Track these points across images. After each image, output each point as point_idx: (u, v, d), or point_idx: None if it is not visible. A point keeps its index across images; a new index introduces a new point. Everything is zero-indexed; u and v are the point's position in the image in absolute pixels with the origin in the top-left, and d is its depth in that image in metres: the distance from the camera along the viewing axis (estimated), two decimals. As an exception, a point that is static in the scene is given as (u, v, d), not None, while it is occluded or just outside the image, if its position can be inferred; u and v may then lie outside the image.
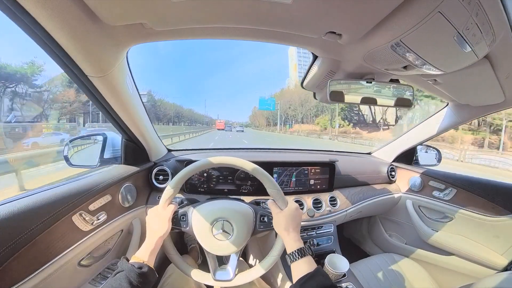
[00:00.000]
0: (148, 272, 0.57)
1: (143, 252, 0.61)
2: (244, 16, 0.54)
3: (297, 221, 0.67)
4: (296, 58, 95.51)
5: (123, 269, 0.55)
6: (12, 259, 0.52)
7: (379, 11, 0.48)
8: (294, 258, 0.59)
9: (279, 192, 0.69)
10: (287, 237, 0.63)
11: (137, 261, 0.58)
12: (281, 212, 0.67)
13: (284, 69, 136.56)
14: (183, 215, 0.70)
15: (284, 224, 0.65)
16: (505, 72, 0.73)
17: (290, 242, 0.62)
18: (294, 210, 0.67)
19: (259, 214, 0.72)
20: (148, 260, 0.60)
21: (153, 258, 0.62)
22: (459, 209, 1.26)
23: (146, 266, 0.57)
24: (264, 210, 0.74)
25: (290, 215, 0.66)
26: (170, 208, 0.68)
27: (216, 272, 0.72)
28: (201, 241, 0.69)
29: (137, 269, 0.55)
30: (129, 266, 0.55)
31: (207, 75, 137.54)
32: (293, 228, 0.65)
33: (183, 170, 0.70)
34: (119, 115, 0.83)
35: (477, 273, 1.17)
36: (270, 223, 0.71)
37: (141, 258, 0.60)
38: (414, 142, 1.49)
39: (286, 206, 0.68)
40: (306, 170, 1.23)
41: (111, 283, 0.53)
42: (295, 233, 0.64)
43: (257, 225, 0.71)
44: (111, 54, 0.63)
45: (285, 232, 0.64)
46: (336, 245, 1.25)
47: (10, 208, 0.54)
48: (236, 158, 0.70)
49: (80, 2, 0.45)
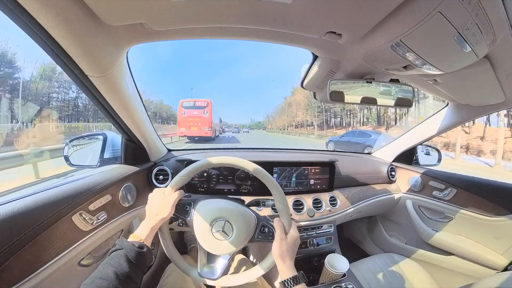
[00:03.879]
0: (147, 252, 0.57)
1: (142, 230, 0.61)
2: (244, 16, 0.54)
3: (295, 251, 0.67)
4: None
5: (122, 247, 0.54)
6: (12, 259, 0.52)
7: (379, 11, 0.48)
8: (289, 285, 0.59)
9: (287, 208, 0.69)
10: (282, 264, 0.63)
11: (137, 240, 0.58)
12: (285, 239, 0.66)
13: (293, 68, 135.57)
14: (188, 205, 0.71)
15: (284, 252, 0.65)
16: (505, 72, 0.72)
17: (285, 270, 0.62)
18: (295, 239, 0.68)
19: (260, 223, 0.72)
20: (145, 239, 0.60)
21: (151, 237, 0.62)
22: (459, 209, 1.26)
23: (146, 246, 0.57)
24: (266, 221, 0.73)
25: (291, 244, 0.66)
26: (176, 195, 0.67)
27: (203, 268, 0.72)
28: (198, 236, 0.69)
29: (138, 248, 0.54)
30: (129, 245, 0.54)
31: (207, 76, 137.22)
32: (290, 258, 0.65)
33: (184, 170, 0.70)
34: (119, 115, 0.83)
35: (477, 273, 1.17)
36: (269, 236, 0.71)
37: (140, 237, 0.59)
38: (414, 142, 1.49)
39: (289, 228, 0.69)
40: (306, 170, 1.23)
41: (108, 261, 0.52)
42: (291, 262, 0.64)
43: (256, 233, 0.71)
44: (111, 54, 0.63)
45: (281, 259, 0.64)
46: (336, 245, 1.25)
47: (10, 208, 0.54)
48: (240, 158, 0.70)
49: (80, 2, 0.45)
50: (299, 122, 54.83)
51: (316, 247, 1.19)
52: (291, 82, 67.76)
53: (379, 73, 0.79)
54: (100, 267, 0.51)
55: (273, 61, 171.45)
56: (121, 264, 0.51)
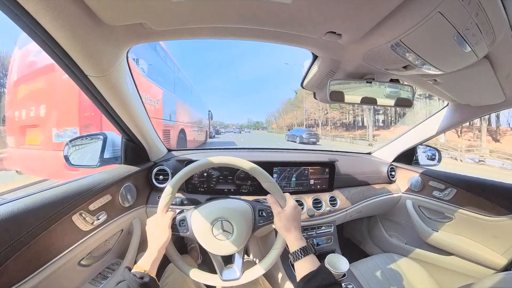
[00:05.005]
0: (150, 282, 0.57)
1: (145, 261, 0.61)
2: (244, 16, 0.54)
3: (298, 220, 0.67)
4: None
5: (124, 279, 0.55)
6: (12, 259, 0.52)
7: (379, 11, 0.48)
8: (298, 257, 0.59)
9: (274, 185, 0.69)
10: (289, 236, 0.64)
11: (139, 271, 0.58)
12: (282, 212, 0.67)
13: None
14: (182, 220, 0.70)
15: (286, 224, 0.65)
16: (505, 72, 0.73)
17: (293, 241, 0.63)
18: (294, 208, 0.68)
19: (257, 209, 0.72)
20: (150, 270, 0.60)
21: (155, 267, 0.62)
22: (459, 209, 1.26)
23: (148, 276, 0.57)
24: (262, 204, 0.74)
25: (291, 214, 0.66)
26: (169, 215, 0.68)
27: (223, 272, 0.72)
28: (203, 244, 0.68)
29: (139, 279, 0.55)
30: (131, 276, 0.55)
31: (205, 75, 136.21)
32: (295, 227, 0.65)
33: (182, 171, 0.70)
34: (119, 115, 0.83)
35: (477, 273, 1.17)
36: (269, 217, 0.71)
37: (143, 268, 0.59)
38: (414, 142, 1.49)
39: (285, 201, 0.69)
40: (306, 170, 1.23)
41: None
42: (297, 232, 0.64)
43: (257, 220, 0.71)
44: (111, 54, 0.63)
45: (287, 231, 0.64)
46: (336, 245, 1.25)
47: (10, 208, 0.54)
48: (233, 157, 0.70)
49: (80, 2, 0.45)
50: (314, 120, 44.37)
51: (316, 247, 1.19)
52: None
53: (379, 73, 0.79)
54: None
55: (273, 61, 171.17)
56: None
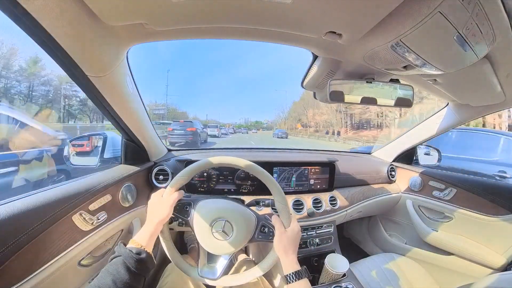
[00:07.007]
0: (147, 258, 0.55)
1: (142, 236, 0.60)
2: (244, 16, 0.54)
3: (297, 244, 0.67)
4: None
5: (120, 254, 0.53)
6: (12, 259, 0.52)
7: (379, 11, 0.48)
8: (291, 279, 0.59)
9: (286, 207, 0.69)
10: (286, 258, 0.63)
11: (136, 246, 0.57)
12: (285, 233, 0.66)
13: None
14: (187, 205, 0.70)
15: (285, 245, 0.64)
16: (505, 72, 0.73)
17: (288, 264, 0.62)
18: (296, 232, 0.67)
19: (260, 223, 0.72)
20: (146, 245, 0.58)
21: (152, 243, 0.61)
22: (459, 209, 1.26)
23: (145, 252, 0.56)
24: (266, 221, 0.73)
25: (292, 237, 0.66)
26: (175, 196, 0.67)
27: (203, 268, 0.72)
28: (198, 236, 0.69)
29: (135, 255, 0.53)
30: (127, 252, 0.53)
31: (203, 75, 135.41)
32: (293, 251, 0.65)
33: (185, 170, 0.70)
34: (119, 115, 0.83)
35: (477, 273, 1.17)
36: (269, 235, 0.71)
37: (139, 242, 0.58)
38: (414, 142, 1.49)
39: (289, 223, 0.69)
40: (306, 170, 1.23)
41: (107, 269, 0.51)
42: (294, 256, 0.64)
43: (256, 233, 0.71)
44: (111, 54, 0.63)
45: (285, 253, 0.64)
46: (336, 245, 1.25)
47: (10, 208, 0.54)
48: (239, 158, 0.70)
49: (80, 2, 0.45)
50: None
51: (316, 247, 1.19)
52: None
53: (379, 73, 0.79)
54: (99, 274, 0.51)
55: (272, 61, 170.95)
56: (120, 272, 0.50)
